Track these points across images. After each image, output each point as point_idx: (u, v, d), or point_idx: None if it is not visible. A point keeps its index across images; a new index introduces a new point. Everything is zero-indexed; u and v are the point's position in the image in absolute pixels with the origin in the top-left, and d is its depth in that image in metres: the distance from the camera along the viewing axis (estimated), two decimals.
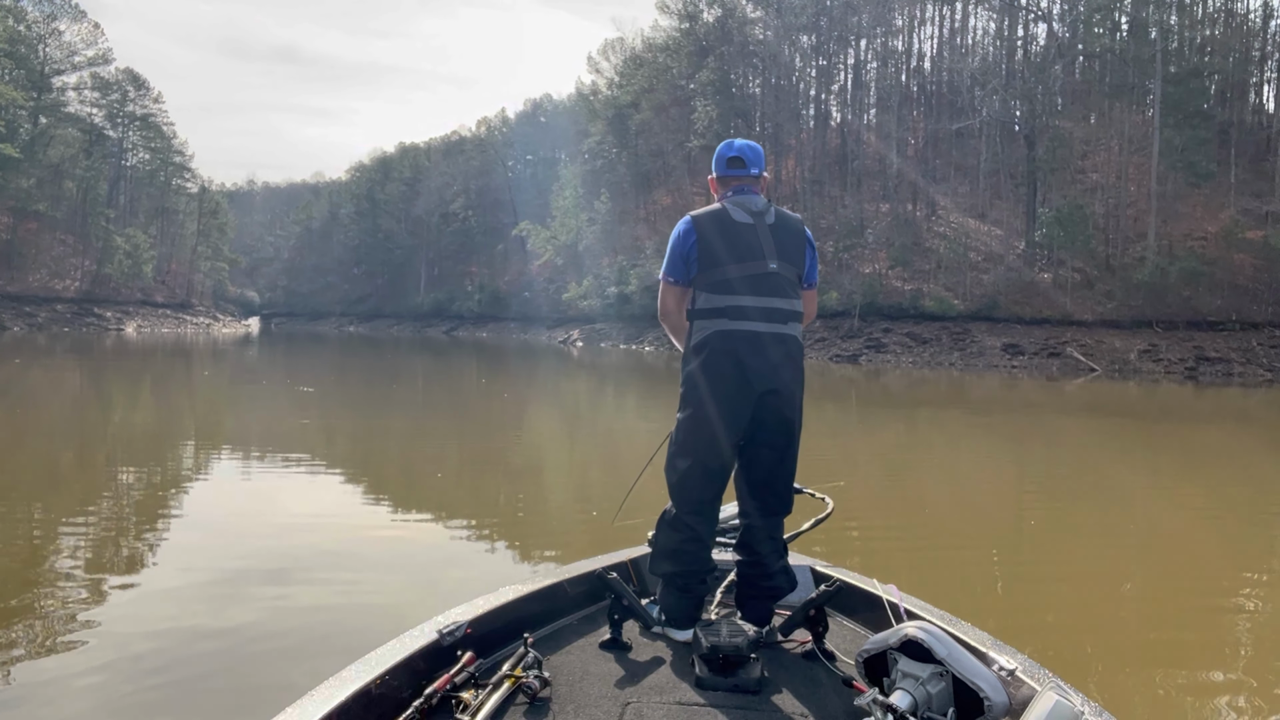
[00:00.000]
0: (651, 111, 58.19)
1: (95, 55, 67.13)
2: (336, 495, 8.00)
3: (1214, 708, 3.83)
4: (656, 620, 2.62)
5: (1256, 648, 4.67)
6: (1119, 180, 43.02)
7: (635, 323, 50.60)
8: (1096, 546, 6.88)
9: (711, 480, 2.68)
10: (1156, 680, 4.15)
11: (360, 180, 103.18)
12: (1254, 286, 36.60)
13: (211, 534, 6.39)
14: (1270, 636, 4.87)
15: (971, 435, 15.02)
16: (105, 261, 62.65)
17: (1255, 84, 48.99)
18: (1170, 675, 4.21)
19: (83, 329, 53.77)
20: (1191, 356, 33.67)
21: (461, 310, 78.57)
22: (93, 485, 8.20)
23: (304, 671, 3.84)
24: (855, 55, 57.72)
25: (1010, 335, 37.38)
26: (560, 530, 6.94)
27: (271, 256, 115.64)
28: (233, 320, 79.40)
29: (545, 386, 24.44)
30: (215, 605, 4.71)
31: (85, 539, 6.09)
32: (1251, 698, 3.93)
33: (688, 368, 2.71)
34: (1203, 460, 12.53)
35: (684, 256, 2.72)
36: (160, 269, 71.97)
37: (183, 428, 13.03)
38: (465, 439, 12.57)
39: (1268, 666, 4.42)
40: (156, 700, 3.61)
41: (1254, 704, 3.86)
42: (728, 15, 57.33)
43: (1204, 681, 4.14)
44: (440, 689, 2.01)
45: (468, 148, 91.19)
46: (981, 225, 45.92)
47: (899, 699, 1.96)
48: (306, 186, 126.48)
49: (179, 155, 77.65)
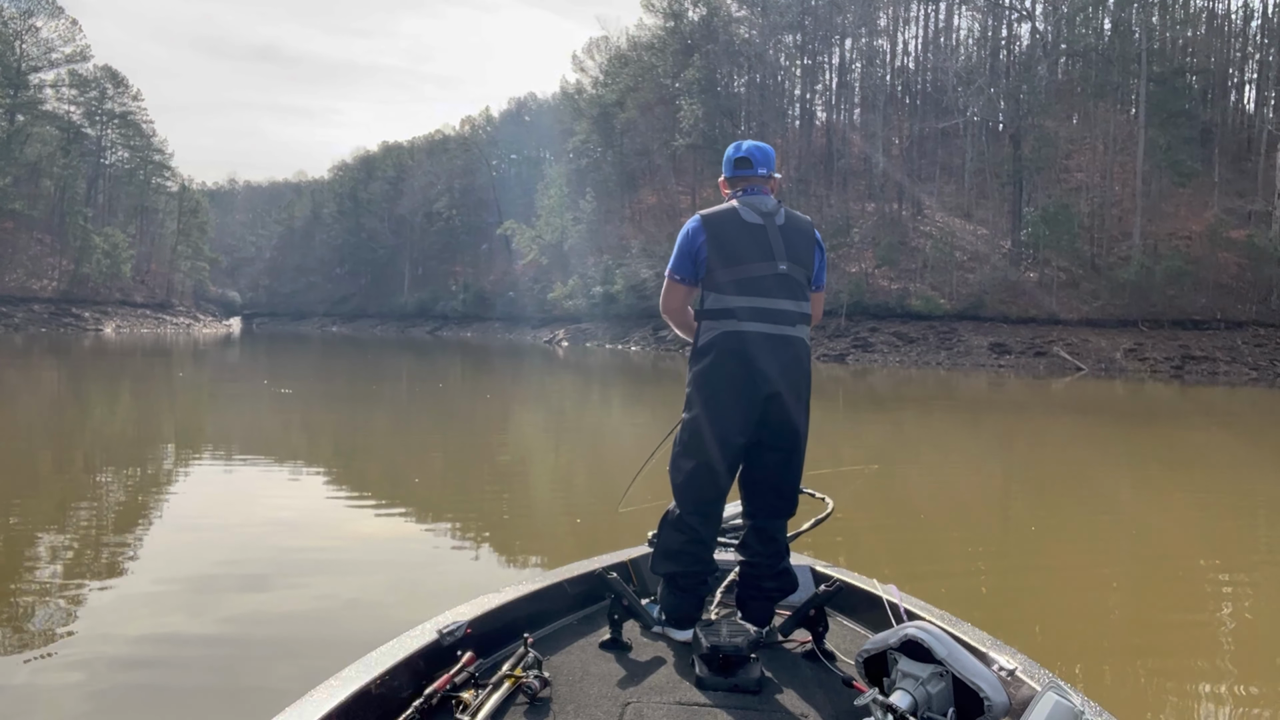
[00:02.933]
0: (637, 110, 58.12)
1: (73, 52, 66.39)
2: (316, 498, 7.94)
3: (1205, 704, 3.85)
4: (657, 620, 2.62)
5: (1246, 644, 4.71)
6: (1104, 180, 43.37)
7: (621, 322, 50.55)
8: (1086, 546, 6.93)
9: (716, 481, 2.66)
10: (1143, 674, 4.18)
11: (343, 179, 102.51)
12: (1238, 285, 36.99)
13: (189, 537, 6.33)
14: (1259, 632, 4.92)
15: (960, 435, 15.11)
16: (83, 261, 61.90)
17: (1235, 84, 49.64)
18: (1160, 670, 4.24)
19: (60, 329, 53.15)
20: (1177, 355, 33.95)
21: (446, 310, 78.21)
22: (68, 488, 8.12)
23: (283, 673, 3.83)
24: (840, 55, 58.00)
25: (997, 334, 37.62)
26: (544, 532, 6.93)
27: (253, 256, 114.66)
28: (213, 320, 78.70)
29: (530, 387, 24.37)
30: (194, 608, 4.67)
31: (61, 542, 6.03)
32: (1243, 695, 3.96)
33: (695, 368, 2.69)
34: (1191, 460, 12.66)
35: (692, 255, 2.71)
36: (140, 269, 71.16)
37: (160, 430, 12.89)
38: (449, 440, 12.52)
39: (1256, 662, 4.46)
40: (133, 704, 3.58)
41: (1239, 697, 3.90)
42: (713, 14, 57.37)
43: (1195, 678, 4.16)
44: (440, 689, 2.00)
45: (451, 146, 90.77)
46: (967, 225, 46.19)
47: (899, 699, 1.96)
48: (288, 185, 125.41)
49: (158, 153, 76.87)
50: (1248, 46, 49.59)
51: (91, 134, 71.50)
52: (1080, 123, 48.22)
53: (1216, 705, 3.83)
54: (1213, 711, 3.76)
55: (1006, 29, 53.50)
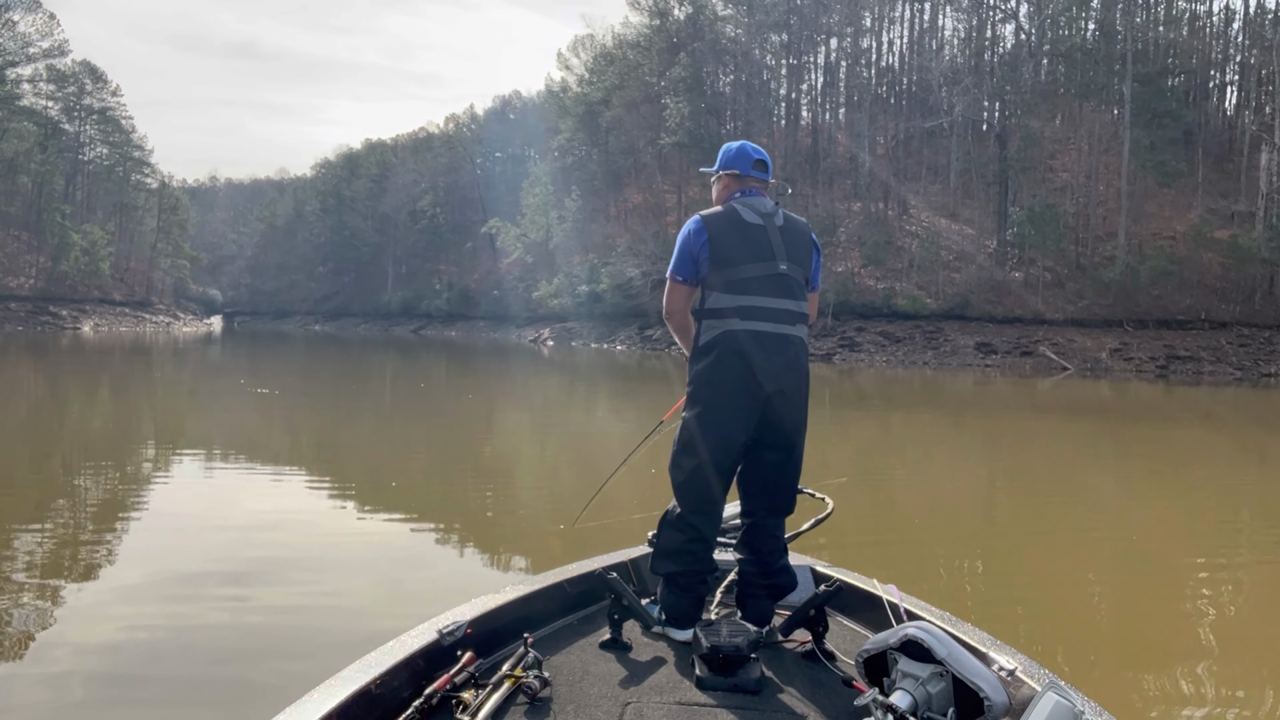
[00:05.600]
0: (622, 108, 58.04)
1: (51, 47, 65.58)
2: (295, 499, 7.86)
3: (1205, 703, 3.87)
4: (656, 620, 2.62)
5: (1246, 644, 4.74)
6: (1088, 180, 43.69)
7: (607, 321, 50.49)
8: (1074, 546, 6.98)
9: (718, 480, 2.67)
10: (1144, 674, 4.20)
11: (326, 177, 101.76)
12: (1222, 286, 37.36)
13: (167, 539, 6.27)
14: (1259, 631, 4.96)
15: (948, 435, 15.20)
16: (61, 258, 61.13)
17: (1217, 86, 50.20)
18: (1160, 670, 4.25)
19: (37, 328, 52.54)
20: (1162, 355, 34.25)
21: (430, 309, 77.81)
22: (45, 489, 8.02)
23: (263, 673, 3.82)
24: (826, 54, 58.18)
25: (983, 334, 37.84)
26: (528, 533, 6.89)
27: (234, 254, 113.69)
28: (194, 319, 77.98)
29: (514, 386, 24.28)
30: (172, 611, 4.63)
31: (36, 543, 5.96)
32: (1243, 694, 3.99)
33: (696, 367, 2.71)
34: (1178, 461, 12.78)
35: (694, 256, 2.72)
36: (119, 266, 70.29)
37: (138, 430, 12.74)
38: (432, 440, 12.45)
39: (1256, 661, 4.50)
40: (111, 707, 3.55)
41: (1239, 697, 3.93)
42: (699, 12, 57.38)
43: (1194, 677, 4.18)
44: (440, 689, 2.00)
45: (436, 145, 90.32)
46: (953, 224, 46.46)
47: (899, 699, 1.96)
48: (270, 183, 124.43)
49: (138, 150, 76.01)
50: (1229, 49, 50.19)
51: (70, 130, 70.68)
52: (1065, 123, 48.58)
53: (1216, 704, 3.85)
54: (1212, 710, 3.79)
55: (991, 29, 53.89)
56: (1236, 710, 3.81)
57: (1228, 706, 3.84)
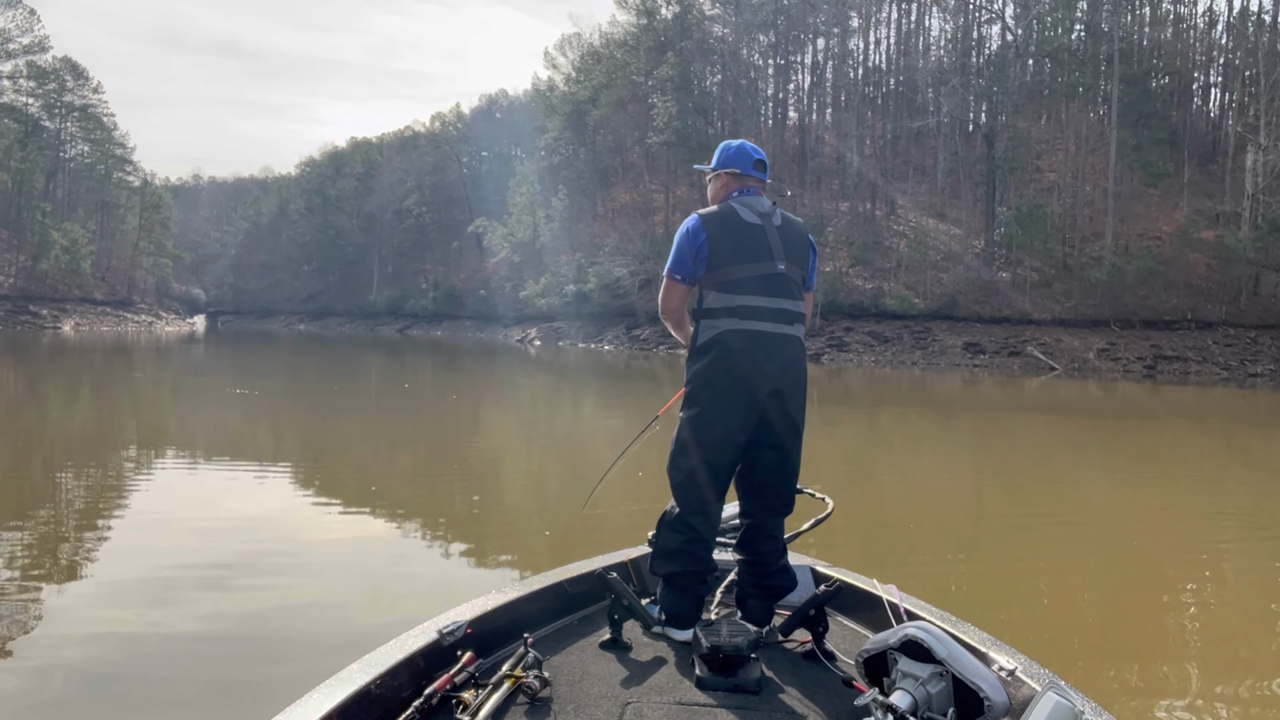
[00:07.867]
0: (610, 107, 57.99)
1: (31, 43, 64.95)
2: (276, 500, 7.82)
3: (1206, 702, 3.89)
4: (657, 620, 2.62)
5: (1244, 642, 4.78)
6: (1075, 180, 43.94)
7: (594, 321, 50.39)
8: (1064, 544, 7.02)
9: (716, 480, 2.67)
10: (1142, 673, 4.22)
11: (311, 175, 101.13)
12: (1208, 286, 37.62)
13: (147, 540, 6.22)
14: (1258, 630, 5.00)
15: (936, 435, 15.26)
16: (41, 257, 60.55)
17: (1201, 87, 50.68)
18: (1158, 668, 4.28)
19: (17, 327, 52.00)
20: (1149, 355, 34.45)
21: (416, 308, 77.45)
22: (24, 489, 7.93)
23: (245, 674, 3.80)
24: (813, 54, 58.36)
25: (971, 334, 38.00)
26: (516, 533, 6.87)
27: (218, 253, 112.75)
28: (177, 318, 77.34)
29: (500, 386, 24.21)
30: (152, 614, 4.59)
31: (17, 543, 5.90)
32: (1243, 694, 4.01)
33: (694, 367, 2.70)
34: (1167, 461, 12.89)
35: (692, 255, 2.71)
36: (100, 265, 69.63)
37: (118, 431, 12.63)
38: (418, 440, 12.39)
39: (1255, 660, 4.53)
40: (92, 710, 3.52)
41: (1239, 696, 3.96)
42: (686, 11, 57.40)
43: (1194, 677, 4.21)
44: (440, 689, 2.00)
45: (422, 143, 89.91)
46: (940, 225, 46.67)
47: (899, 699, 1.96)
48: (254, 181, 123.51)
49: (120, 148, 75.30)
50: (1212, 50, 50.67)
51: (50, 127, 69.95)
52: (1051, 123, 48.89)
53: (1216, 703, 3.87)
54: (1213, 709, 3.81)
55: (977, 30, 54.21)
56: (1243, 709, 3.83)
57: (1232, 706, 3.85)
